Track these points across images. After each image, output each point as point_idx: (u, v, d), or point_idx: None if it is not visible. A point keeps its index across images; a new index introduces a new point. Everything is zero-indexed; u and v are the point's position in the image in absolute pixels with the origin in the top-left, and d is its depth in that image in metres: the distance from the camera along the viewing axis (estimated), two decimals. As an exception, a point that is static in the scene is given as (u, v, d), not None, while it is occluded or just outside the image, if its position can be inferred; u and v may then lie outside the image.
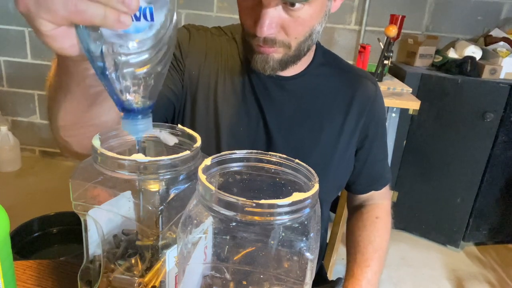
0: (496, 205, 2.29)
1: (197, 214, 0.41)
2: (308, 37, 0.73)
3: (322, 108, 0.84)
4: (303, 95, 0.83)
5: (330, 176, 0.85)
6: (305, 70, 0.83)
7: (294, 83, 0.83)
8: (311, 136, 0.83)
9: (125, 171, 0.47)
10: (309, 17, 0.69)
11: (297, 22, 0.69)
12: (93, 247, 0.55)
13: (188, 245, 0.43)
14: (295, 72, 0.83)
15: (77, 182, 0.50)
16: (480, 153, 2.17)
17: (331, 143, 0.84)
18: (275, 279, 0.44)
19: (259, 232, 0.39)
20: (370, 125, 0.88)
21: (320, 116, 0.83)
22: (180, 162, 0.49)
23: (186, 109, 0.82)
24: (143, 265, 0.52)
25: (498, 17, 2.43)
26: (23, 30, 2.70)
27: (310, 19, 0.70)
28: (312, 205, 0.40)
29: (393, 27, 1.88)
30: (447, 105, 2.15)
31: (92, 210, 0.51)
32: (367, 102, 0.87)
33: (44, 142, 2.97)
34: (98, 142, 0.50)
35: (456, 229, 2.32)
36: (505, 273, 2.19)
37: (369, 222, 0.91)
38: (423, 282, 2.08)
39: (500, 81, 2.10)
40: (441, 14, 2.46)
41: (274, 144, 0.81)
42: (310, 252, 0.40)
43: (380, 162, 0.95)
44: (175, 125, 0.58)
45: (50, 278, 0.67)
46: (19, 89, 2.85)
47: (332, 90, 0.85)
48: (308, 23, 0.70)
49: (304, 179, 0.46)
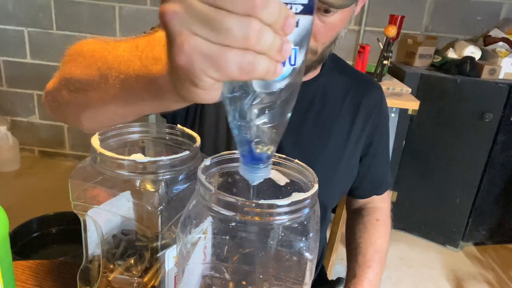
0: (495, 205, 2.29)
1: (197, 214, 0.41)
2: (333, 42, 0.72)
3: (330, 114, 0.83)
4: (313, 101, 0.82)
5: (335, 182, 0.85)
6: (317, 76, 0.83)
7: (306, 89, 0.81)
8: (319, 142, 0.83)
9: (124, 171, 0.47)
10: (339, 22, 0.68)
11: (328, 28, 0.67)
12: (92, 247, 0.55)
13: (188, 245, 0.43)
14: (309, 78, 0.82)
15: (77, 182, 0.50)
16: (479, 153, 2.17)
17: (338, 149, 0.84)
18: (274, 279, 0.44)
19: (259, 232, 0.39)
20: (376, 132, 0.88)
21: (328, 122, 0.83)
22: (179, 162, 0.49)
23: (197, 111, 0.81)
24: (142, 265, 0.52)
25: (497, 17, 2.43)
26: (22, 30, 2.70)
27: (340, 24, 0.69)
28: (311, 205, 0.40)
29: (392, 27, 1.88)
30: (446, 105, 2.15)
31: (91, 210, 0.51)
32: (374, 109, 0.87)
33: (43, 142, 2.97)
34: (97, 142, 0.50)
35: (455, 229, 2.32)
36: (504, 273, 2.19)
37: (370, 224, 0.91)
38: (422, 282, 2.08)
39: (499, 81, 2.10)
40: (440, 14, 2.46)
41: (282, 148, 0.80)
42: (309, 252, 0.40)
43: (383, 167, 0.95)
44: (175, 125, 0.58)
45: (49, 278, 0.67)
46: (18, 89, 2.85)
47: (340, 96, 0.85)
48: (337, 28, 0.69)
49: (303, 179, 0.46)
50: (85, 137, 2.58)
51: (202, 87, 0.32)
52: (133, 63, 0.43)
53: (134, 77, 0.43)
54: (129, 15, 2.60)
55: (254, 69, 0.30)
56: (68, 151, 2.98)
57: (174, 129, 0.58)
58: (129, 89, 0.45)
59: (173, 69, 0.32)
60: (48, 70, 2.73)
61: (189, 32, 0.29)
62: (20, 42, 2.72)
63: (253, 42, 0.29)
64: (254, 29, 0.29)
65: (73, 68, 0.53)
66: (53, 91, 0.57)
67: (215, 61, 0.29)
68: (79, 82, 0.51)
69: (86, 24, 2.64)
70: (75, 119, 0.57)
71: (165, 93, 0.40)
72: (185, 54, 0.30)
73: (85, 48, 0.53)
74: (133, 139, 0.57)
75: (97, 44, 0.52)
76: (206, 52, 0.29)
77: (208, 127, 0.79)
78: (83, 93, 0.51)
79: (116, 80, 0.45)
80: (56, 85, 0.56)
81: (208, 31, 0.29)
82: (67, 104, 0.56)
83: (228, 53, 0.29)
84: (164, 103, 0.43)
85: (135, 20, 2.60)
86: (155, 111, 0.49)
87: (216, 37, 0.29)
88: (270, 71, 0.31)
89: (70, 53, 0.56)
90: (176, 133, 0.58)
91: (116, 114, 0.52)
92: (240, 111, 0.35)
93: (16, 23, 2.68)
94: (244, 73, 0.30)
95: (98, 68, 0.48)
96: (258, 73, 0.31)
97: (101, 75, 0.47)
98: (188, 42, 0.29)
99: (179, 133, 0.58)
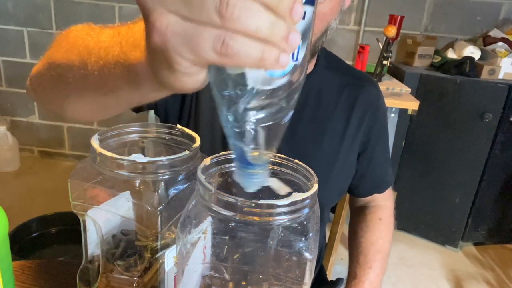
0: (495, 205, 2.29)
1: (196, 214, 0.41)
2: (324, 33, 0.71)
3: (325, 112, 0.83)
4: (307, 99, 0.82)
5: (332, 181, 0.84)
6: (310, 74, 0.82)
7: None
8: (314, 141, 0.82)
9: (124, 171, 0.47)
10: (329, 11, 0.67)
11: (318, 17, 0.65)
12: (92, 247, 0.55)
13: (187, 245, 0.43)
14: None
15: (76, 182, 0.50)
16: (478, 153, 2.17)
17: (333, 147, 0.83)
18: (274, 279, 0.44)
19: (258, 232, 0.39)
20: (372, 130, 0.87)
21: (323, 119, 0.83)
22: (179, 162, 0.49)
23: (191, 108, 0.80)
24: (142, 265, 0.52)
25: (497, 18, 2.43)
26: (22, 30, 2.70)
27: (330, 13, 0.68)
28: (311, 205, 0.40)
29: (392, 27, 1.88)
30: (446, 105, 2.15)
31: (91, 210, 0.51)
32: (370, 107, 0.86)
33: (43, 142, 2.97)
34: (97, 142, 0.50)
35: (455, 229, 2.32)
36: (503, 273, 2.19)
37: (372, 224, 0.91)
38: (422, 282, 2.08)
39: (498, 81, 2.10)
40: (440, 15, 2.46)
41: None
42: (309, 252, 0.40)
43: (383, 165, 0.94)
44: (174, 125, 0.58)
45: (49, 278, 0.67)
46: (18, 89, 2.85)
47: (335, 93, 0.84)
48: (327, 17, 0.68)
49: (303, 179, 0.46)
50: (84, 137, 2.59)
51: (179, 70, 0.29)
52: (113, 49, 0.41)
53: (112, 63, 0.41)
54: (129, 15, 2.60)
55: (235, 54, 0.27)
56: (67, 151, 2.98)
57: (173, 129, 0.58)
58: (107, 76, 0.42)
59: (149, 52, 0.30)
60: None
61: (163, 9, 0.27)
62: (20, 42, 2.72)
63: (228, 16, 0.25)
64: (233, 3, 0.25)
65: (55, 53, 0.52)
66: (38, 74, 0.57)
67: (188, 41, 0.27)
68: (59, 67, 0.50)
69: (86, 24, 2.64)
70: (58, 105, 0.57)
71: (143, 80, 0.37)
72: (158, 33, 0.27)
73: (72, 33, 0.52)
74: (133, 139, 0.57)
75: (83, 30, 0.51)
76: (179, 30, 0.27)
77: (203, 126, 0.79)
78: (64, 78, 0.50)
79: (94, 66, 0.43)
80: (41, 69, 0.56)
81: (181, 5, 0.26)
82: (51, 89, 0.55)
83: (202, 31, 0.26)
84: (142, 91, 0.41)
85: (134, 20, 2.60)
86: (134, 101, 0.46)
87: (189, 12, 0.26)
88: (268, 59, 0.27)
89: (58, 38, 0.55)
90: (176, 133, 0.58)
91: (96, 103, 0.51)
92: (234, 110, 0.31)
93: (16, 23, 2.68)
94: (222, 56, 0.27)
95: (78, 53, 0.47)
96: (244, 60, 0.27)
97: (80, 60, 0.46)
98: (160, 19, 0.27)
99: (179, 133, 0.58)
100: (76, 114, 0.56)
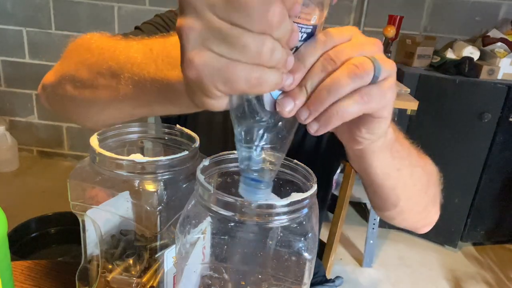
0: (494, 205, 2.29)
1: (195, 214, 0.41)
2: None
3: None
4: None
5: None
6: None
7: None
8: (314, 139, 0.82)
9: (123, 171, 0.47)
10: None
11: None
12: (91, 247, 0.55)
13: (186, 245, 0.43)
14: None
15: (75, 182, 0.50)
16: (477, 154, 2.17)
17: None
18: (273, 279, 0.44)
19: (258, 232, 0.39)
20: None
21: None
22: (178, 162, 0.49)
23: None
24: (141, 265, 0.52)
25: (496, 18, 2.44)
26: (21, 30, 2.69)
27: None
28: (310, 205, 0.40)
29: (391, 28, 1.88)
30: (445, 105, 2.15)
31: (90, 210, 0.51)
32: None
33: (42, 142, 2.97)
34: (96, 142, 0.50)
35: (454, 229, 2.32)
36: (502, 273, 2.19)
37: None
38: (421, 282, 2.08)
39: (497, 81, 2.10)
40: (439, 15, 2.46)
41: None
42: (308, 252, 0.40)
43: None
44: (173, 126, 0.58)
45: (48, 279, 0.67)
46: (17, 89, 2.85)
47: None
48: None
49: (302, 179, 0.46)
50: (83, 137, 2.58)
51: (213, 98, 0.33)
52: (148, 66, 0.43)
53: (149, 80, 0.43)
54: (128, 15, 2.60)
55: (262, 83, 0.31)
56: (66, 151, 2.97)
57: (173, 129, 0.58)
58: (142, 91, 0.45)
59: (184, 80, 0.33)
60: (47, 70, 2.69)
61: (202, 47, 0.30)
62: (19, 42, 2.72)
63: (266, 58, 0.30)
64: (268, 46, 0.30)
65: (79, 65, 0.52)
66: (54, 84, 0.57)
67: (224, 75, 0.30)
68: (87, 79, 0.51)
69: (85, 24, 2.63)
70: (79, 114, 0.57)
71: (181, 97, 0.40)
72: (195, 68, 0.30)
73: (93, 44, 0.52)
74: (132, 139, 0.57)
75: (105, 41, 0.51)
76: (216, 67, 0.30)
77: (202, 127, 0.79)
78: (90, 90, 0.50)
79: (129, 80, 0.45)
80: (58, 79, 0.56)
81: (224, 48, 0.30)
82: (72, 100, 0.55)
83: (238, 67, 0.30)
84: (179, 106, 0.44)
85: (134, 20, 2.58)
86: (167, 113, 0.49)
87: (230, 53, 0.30)
88: (279, 83, 0.33)
89: (74, 47, 0.55)
90: (175, 133, 0.58)
91: (124, 113, 0.52)
92: (248, 131, 0.36)
93: (15, 23, 2.68)
94: (253, 86, 0.31)
95: (109, 67, 0.48)
96: (268, 86, 0.32)
97: (112, 74, 0.47)
98: (199, 56, 0.30)
99: (178, 133, 0.58)
100: (99, 124, 0.56)
